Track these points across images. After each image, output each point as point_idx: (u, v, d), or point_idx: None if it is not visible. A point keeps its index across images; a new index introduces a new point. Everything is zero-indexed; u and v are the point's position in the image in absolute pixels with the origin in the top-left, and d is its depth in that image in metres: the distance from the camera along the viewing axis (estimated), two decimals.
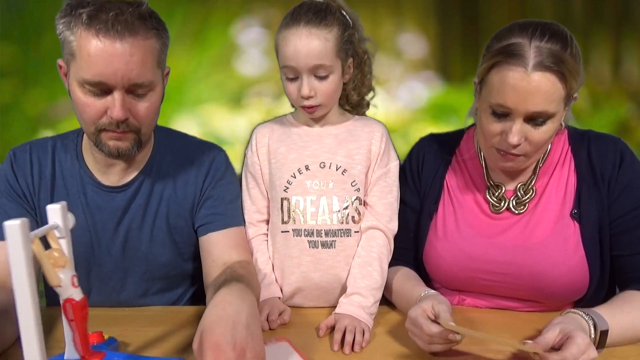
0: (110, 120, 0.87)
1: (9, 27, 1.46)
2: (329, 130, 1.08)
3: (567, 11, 1.42)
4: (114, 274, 1.04)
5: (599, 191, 0.97)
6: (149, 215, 1.02)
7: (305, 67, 0.98)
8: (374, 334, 0.94)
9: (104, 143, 0.91)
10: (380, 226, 1.05)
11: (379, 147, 1.06)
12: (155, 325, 0.96)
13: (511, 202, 1.02)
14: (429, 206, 1.08)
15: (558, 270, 0.96)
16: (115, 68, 0.84)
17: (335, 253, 1.04)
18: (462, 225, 1.05)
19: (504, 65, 0.87)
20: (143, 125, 0.92)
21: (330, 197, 1.04)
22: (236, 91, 1.47)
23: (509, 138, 0.87)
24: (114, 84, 0.85)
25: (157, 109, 0.94)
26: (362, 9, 1.40)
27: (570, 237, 0.97)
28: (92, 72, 0.84)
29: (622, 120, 1.45)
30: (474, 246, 1.02)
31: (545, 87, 0.85)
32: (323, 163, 1.04)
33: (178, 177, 1.03)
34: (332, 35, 0.98)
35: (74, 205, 1.00)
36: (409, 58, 1.45)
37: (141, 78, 0.86)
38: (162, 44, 0.91)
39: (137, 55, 0.85)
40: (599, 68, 1.44)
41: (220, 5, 1.42)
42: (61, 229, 0.69)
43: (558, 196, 0.99)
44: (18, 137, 1.52)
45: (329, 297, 1.06)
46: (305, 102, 1.00)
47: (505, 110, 0.88)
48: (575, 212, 0.98)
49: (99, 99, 0.87)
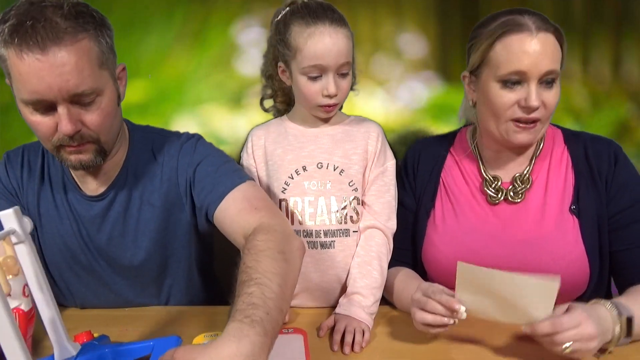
0: (62, 135, 0.82)
1: None
2: (325, 131, 1.08)
3: (567, 11, 1.42)
4: (108, 279, 1.04)
5: (596, 188, 1.00)
6: (131, 222, 0.98)
7: (335, 65, 0.98)
8: (374, 334, 0.95)
9: (65, 158, 0.86)
10: (379, 225, 1.06)
11: (375, 146, 1.06)
12: (155, 325, 0.97)
13: (508, 193, 1.03)
14: (425, 204, 1.09)
15: (558, 265, 0.98)
16: (48, 82, 0.76)
17: (335, 253, 1.04)
18: (461, 219, 1.06)
19: (509, 35, 0.93)
20: (101, 134, 0.86)
21: (328, 197, 1.04)
22: (236, 91, 1.47)
23: (530, 102, 0.91)
24: (52, 99, 0.78)
25: (111, 114, 0.86)
26: (362, 9, 1.40)
27: (569, 232, 0.99)
28: (28, 91, 0.78)
29: (622, 120, 1.45)
30: (473, 241, 1.03)
31: (550, 47, 0.92)
32: (320, 163, 1.05)
33: (159, 177, 0.99)
34: (349, 33, 1.00)
35: (59, 209, 0.99)
36: (409, 58, 1.45)
37: (81, 87, 0.79)
38: (101, 42, 0.82)
39: (68, 63, 0.77)
40: (599, 68, 1.44)
41: (220, 5, 1.42)
42: (19, 234, 0.66)
43: (557, 191, 1.01)
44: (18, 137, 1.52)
45: (329, 297, 1.06)
46: (329, 101, 1.01)
47: (519, 77, 0.93)
48: (574, 207, 1.00)
49: (46, 116, 0.81)
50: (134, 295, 1.06)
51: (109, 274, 1.03)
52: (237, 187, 0.93)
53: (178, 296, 1.09)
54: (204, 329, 0.93)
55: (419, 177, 1.12)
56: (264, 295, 0.69)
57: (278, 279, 0.72)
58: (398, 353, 0.89)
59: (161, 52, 1.42)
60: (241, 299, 0.69)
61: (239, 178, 0.95)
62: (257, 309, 0.67)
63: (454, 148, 1.13)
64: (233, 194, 0.92)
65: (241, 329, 0.64)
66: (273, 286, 0.71)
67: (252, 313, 0.66)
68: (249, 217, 0.87)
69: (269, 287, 0.70)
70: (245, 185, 0.94)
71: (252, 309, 0.67)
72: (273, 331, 0.67)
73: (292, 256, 0.80)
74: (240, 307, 0.67)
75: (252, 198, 0.91)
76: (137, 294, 1.06)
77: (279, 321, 0.70)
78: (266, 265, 0.74)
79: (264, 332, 0.65)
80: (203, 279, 1.13)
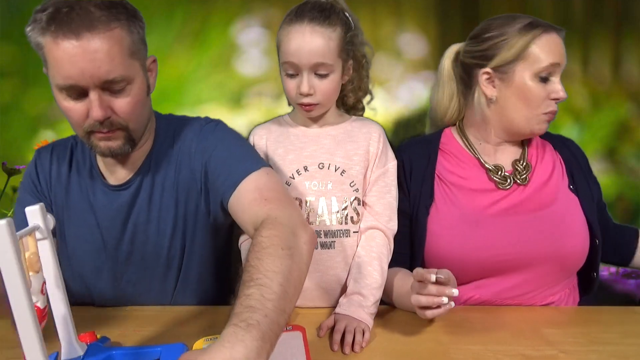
0: (93, 121, 0.85)
1: (9, 27, 1.46)
2: (327, 131, 1.08)
3: (567, 11, 1.42)
4: (128, 272, 1.04)
5: (583, 170, 1.13)
6: (154, 209, 1.00)
7: (307, 65, 0.98)
8: (374, 334, 0.94)
9: (95, 144, 0.90)
10: (380, 226, 1.06)
11: (376, 147, 1.06)
12: (155, 325, 0.97)
13: (516, 177, 1.10)
14: (424, 202, 1.10)
15: (567, 235, 1.05)
16: (81, 68, 0.80)
17: (335, 253, 1.04)
18: (466, 208, 1.08)
19: (545, 34, 1.04)
20: (129, 122, 0.89)
21: (329, 197, 1.04)
22: (236, 91, 1.47)
23: (562, 94, 1.04)
24: (85, 84, 0.82)
25: (140, 102, 0.90)
26: (362, 9, 1.40)
27: (573, 206, 1.08)
28: (62, 76, 0.82)
29: (622, 120, 1.45)
30: (486, 226, 1.05)
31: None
32: (322, 164, 1.05)
33: (177, 163, 1.00)
34: (335, 34, 0.98)
35: (84, 203, 1.01)
36: (409, 58, 1.45)
37: (112, 74, 0.83)
38: (132, 32, 0.86)
39: (101, 50, 0.80)
40: (599, 68, 1.44)
41: (220, 5, 1.42)
42: (42, 230, 0.68)
43: (550, 171, 1.11)
44: (18, 137, 1.52)
45: (329, 298, 1.06)
46: (304, 100, 1.01)
47: (555, 69, 1.04)
48: (572, 187, 1.09)
49: (78, 102, 0.85)
50: (144, 289, 1.06)
51: (131, 266, 1.04)
52: (250, 176, 0.92)
53: (187, 292, 1.08)
54: (205, 330, 0.93)
55: (413, 179, 1.13)
56: (263, 297, 0.67)
57: (280, 278, 0.71)
58: (398, 353, 0.89)
59: (161, 52, 1.42)
60: (239, 301, 0.68)
61: (253, 165, 0.94)
62: (255, 312, 0.65)
63: (443, 145, 1.15)
64: (245, 182, 0.91)
65: (236, 333, 0.62)
66: (274, 286, 0.69)
67: (248, 317, 0.64)
68: (258, 208, 0.86)
69: (269, 288, 0.69)
70: (258, 174, 0.93)
71: (249, 312, 0.65)
72: (272, 334, 0.65)
73: (299, 251, 0.78)
74: (237, 311, 0.66)
75: (263, 188, 0.90)
76: (147, 288, 1.06)
77: (280, 323, 0.68)
78: (268, 263, 0.72)
79: (260, 336, 0.63)
80: (215, 277, 1.12)
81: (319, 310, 1.05)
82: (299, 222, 0.83)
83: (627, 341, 0.89)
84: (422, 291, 0.85)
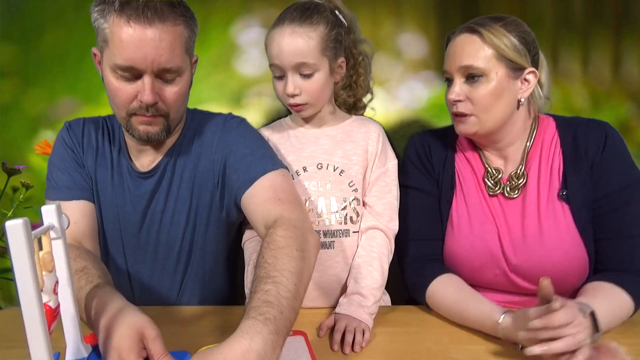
0: (140, 104, 0.90)
1: (9, 27, 1.46)
2: (326, 132, 1.08)
3: (567, 11, 1.42)
4: (144, 258, 1.06)
5: (583, 170, 1.00)
6: (171, 199, 1.03)
7: (289, 65, 0.98)
8: (374, 334, 0.94)
9: (135, 127, 0.94)
10: (381, 226, 1.06)
11: (375, 147, 1.06)
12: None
13: (505, 188, 1.05)
14: (446, 192, 1.09)
15: (554, 256, 0.97)
16: (145, 53, 0.86)
17: (335, 254, 1.04)
18: (471, 211, 1.06)
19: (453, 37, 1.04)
20: (171, 110, 0.94)
21: (328, 198, 1.04)
22: (236, 91, 1.47)
23: (449, 95, 1.04)
24: (144, 68, 0.87)
25: (184, 95, 0.96)
26: (362, 9, 1.40)
27: (560, 220, 0.99)
28: (124, 57, 0.87)
29: (622, 120, 1.45)
30: (484, 232, 1.03)
31: None
32: (320, 164, 1.05)
33: (197, 156, 1.03)
34: (316, 33, 0.98)
35: (109, 184, 1.04)
36: (409, 58, 1.45)
37: (170, 63, 0.89)
38: (190, 31, 0.93)
39: (166, 40, 0.87)
40: (599, 68, 1.44)
41: (220, 5, 1.42)
42: (57, 229, 0.69)
43: (546, 180, 1.02)
44: (18, 137, 1.52)
45: (329, 298, 1.06)
46: (291, 100, 1.01)
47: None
48: (563, 193, 1.00)
49: (130, 83, 0.90)
50: (150, 282, 1.06)
51: (146, 252, 1.05)
52: (267, 175, 0.95)
53: (195, 291, 1.08)
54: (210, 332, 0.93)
55: (434, 163, 1.12)
56: (279, 294, 0.71)
57: (294, 278, 0.74)
58: (398, 353, 0.89)
59: None
60: (257, 295, 0.71)
61: (271, 165, 0.97)
62: (272, 307, 0.68)
63: (459, 141, 1.14)
64: (262, 181, 0.95)
65: (254, 326, 0.66)
66: (289, 285, 0.73)
67: (266, 311, 0.68)
68: (271, 207, 0.90)
69: (285, 286, 0.72)
70: (275, 174, 0.96)
71: (267, 307, 0.68)
72: (285, 330, 0.69)
73: (309, 254, 0.81)
74: (255, 305, 0.69)
75: (278, 188, 0.93)
76: (155, 283, 1.06)
77: (291, 320, 0.71)
78: (284, 263, 0.75)
79: (276, 331, 0.66)
80: (223, 276, 1.12)
81: (319, 311, 1.05)
82: (308, 226, 0.87)
83: (628, 341, 0.89)
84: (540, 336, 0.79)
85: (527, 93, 1.02)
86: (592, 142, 1.00)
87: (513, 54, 0.98)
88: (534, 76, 1.01)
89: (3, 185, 1.45)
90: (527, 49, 1.00)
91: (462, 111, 1.01)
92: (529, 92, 1.02)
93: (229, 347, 0.64)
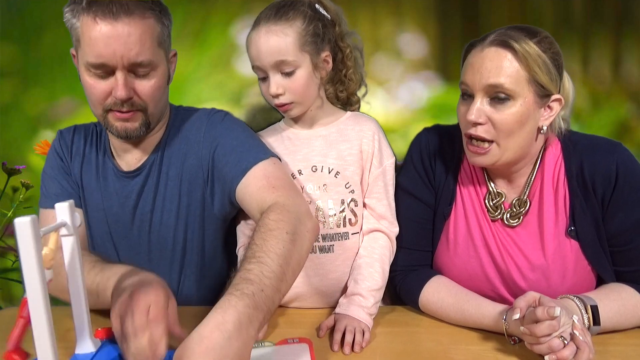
0: (115, 100, 0.90)
1: (9, 27, 1.46)
2: (318, 132, 1.07)
3: (567, 11, 1.42)
4: (138, 258, 1.06)
5: (592, 206, 0.94)
6: (159, 198, 1.03)
7: (269, 65, 0.97)
8: (374, 334, 0.94)
9: (112, 124, 0.94)
10: (383, 228, 1.05)
11: (371, 146, 1.04)
12: None
13: (505, 215, 1.00)
14: (444, 206, 1.05)
15: (564, 286, 0.95)
16: (114, 48, 0.86)
17: (334, 257, 1.03)
18: (473, 233, 1.02)
19: (472, 49, 0.97)
20: (149, 105, 0.94)
21: (325, 200, 1.03)
22: (236, 91, 1.47)
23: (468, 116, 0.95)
24: (114, 64, 0.88)
25: (161, 88, 0.95)
26: (362, 9, 1.40)
27: (568, 257, 0.95)
28: (94, 55, 0.87)
29: (622, 120, 1.45)
30: (480, 257, 1.01)
31: None
32: (315, 167, 1.03)
33: (182, 153, 1.02)
34: (292, 29, 0.96)
35: (95, 188, 1.05)
36: (409, 58, 1.45)
37: (140, 57, 0.89)
38: (163, 25, 0.93)
39: (134, 35, 0.87)
40: (599, 68, 1.44)
41: (220, 5, 1.42)
42: (69, 227, 0.70)
43: (550, 211, 0.97)
44: (18, 137, 1.52)
45: (329, 301, 1.06)
46: (276, 101, 1.00)
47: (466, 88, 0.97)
48: (571, 229, 0.95)
49: (104, 80, 0.90)
50: (166, 277, 1.06)
51: (139, 254, 1.05)
52: (259, 164, 0.95)
53: (191, 290, 1.08)
54: None
55: (437, 172, 1.06)
56: (262, 274, 0.71)
57: (280, 260, 0.74)
58: (398, 353, 0.89)
59: None
60: (239, 274, 0.71)
61: (262, 154, 0.97)
62: (251, 284, 0.69)
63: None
64: (254, 170, 0.94)
65: (229, 300, 0.66)
66: (273, 266, 0.72)
67: (244, 287, 0.68)
68: (266, 194, 0.90)
69: (269, 267, 0.72)
70: (266, 163, 0.96)
71: (245, 283, 0.69)
72: (266, 308, 0.69)
73: (301, 237, 0.81)
74: (235, 282, 0.70)
75: (271, 176, 0.93)
76: (167, 276, 1.06)
77: (274, 300, 0.71)
78: (272, 245, 0.75)
79: (254, 305, 0.66)
80: (219, 274, 1.12)
81: (318, 311, 1.05)
82: (304, 210, 0.87)
83: (628, 341, 0.89)
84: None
85: (549, 121, 0.93)
86: (600, 177, 0.93)
87: (546, 79, 0.89)
88: (559, 103, 0.93)
89: (3, 185, 1.45)
90: (558, 73, 0.91)
91: (482, 135, 0.91)
92: (550, 120, 0.93)
93: (204, 323, 0.64)
